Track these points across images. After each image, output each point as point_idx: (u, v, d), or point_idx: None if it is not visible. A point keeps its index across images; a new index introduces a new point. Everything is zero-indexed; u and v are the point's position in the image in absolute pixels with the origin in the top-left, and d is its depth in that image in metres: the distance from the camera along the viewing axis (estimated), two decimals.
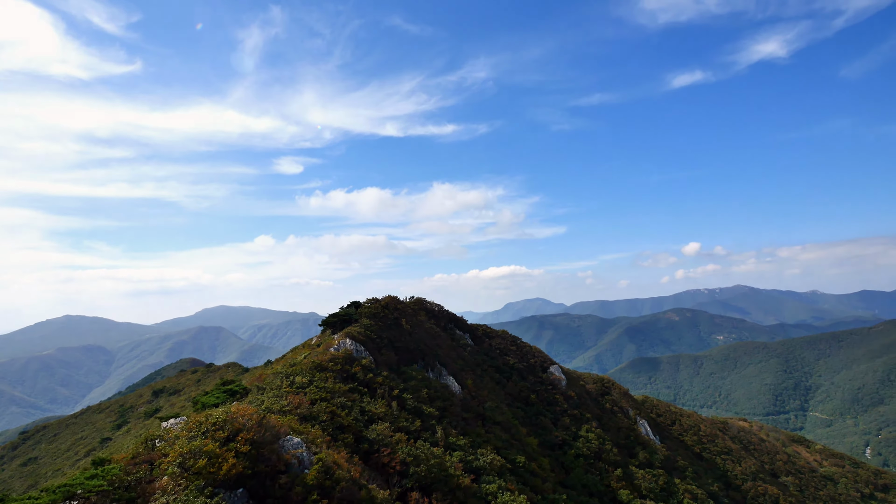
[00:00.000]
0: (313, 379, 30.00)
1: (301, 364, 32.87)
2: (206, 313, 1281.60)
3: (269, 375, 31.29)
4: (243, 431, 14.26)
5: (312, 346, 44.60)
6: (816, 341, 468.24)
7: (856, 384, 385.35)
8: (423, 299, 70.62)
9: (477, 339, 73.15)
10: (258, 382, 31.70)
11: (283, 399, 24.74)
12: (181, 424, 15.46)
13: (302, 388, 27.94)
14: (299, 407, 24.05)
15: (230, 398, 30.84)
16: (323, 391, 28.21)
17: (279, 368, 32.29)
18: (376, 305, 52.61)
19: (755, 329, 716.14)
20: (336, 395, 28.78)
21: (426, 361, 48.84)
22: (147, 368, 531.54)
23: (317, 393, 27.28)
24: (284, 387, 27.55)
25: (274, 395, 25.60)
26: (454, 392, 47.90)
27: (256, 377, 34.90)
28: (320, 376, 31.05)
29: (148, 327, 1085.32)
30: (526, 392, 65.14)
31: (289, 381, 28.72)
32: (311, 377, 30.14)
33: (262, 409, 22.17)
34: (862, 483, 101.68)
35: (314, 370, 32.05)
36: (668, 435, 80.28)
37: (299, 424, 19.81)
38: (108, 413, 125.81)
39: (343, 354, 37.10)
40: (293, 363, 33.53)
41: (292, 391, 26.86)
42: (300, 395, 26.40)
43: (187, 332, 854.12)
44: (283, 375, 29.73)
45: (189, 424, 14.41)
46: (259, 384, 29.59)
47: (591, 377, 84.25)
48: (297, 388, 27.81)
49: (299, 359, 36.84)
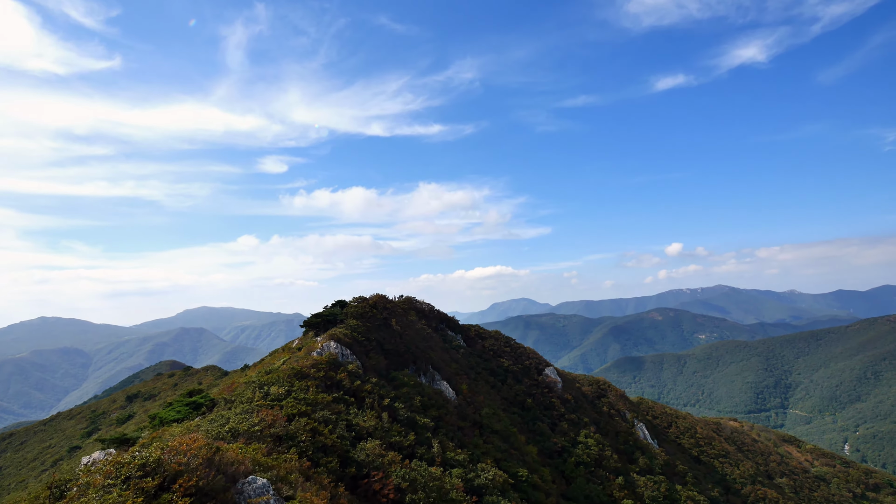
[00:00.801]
0: (291, 389, 25.81)
1: (278, 371, 28.62)
2: (187, 314, 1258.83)
3: (240, 385, 26.99)
4: (184, 475, 10.26)
5: (293, 350, 40.23)
6: (796, 340, 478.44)
7: (834, 382, 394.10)
8: (412, 298, 66.61)
9: (469, 341, 69.47)
10: (227, 393, 27.39)
11: (253, 415, 20.55)
12: (102, 463, 11.30)
13: (278, 400, 23.76)
14: (273, 425, 19.92)
15: (193, 412, 26.49)
16: (303, 403, 24.09)
17: (253, 376, 27.98)
18: (363, 305, 48.48)
19: (736, 328, 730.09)
20: (318, 408, 24.69)
21: (418, 365, 44.93)
22: (126, 371, 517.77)
23: (295, 406, 23.13)
24: (257, 399, 23.29)
25: (243, 410, 21.39)
26: (449, 398, 44.12)
27: (227, 387, 30.53)
28: (300, 385, 26.88)
29: (127, 329, 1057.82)
30: (522, 396, 61.72)
31: (262, 391, 24.46)
32: (288, 387, 25.94)
33: (226, 429, 17.99)
34: (853, 483, 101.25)
35: (293, 378, 27.85)
36: (665, 438, 77.84)
37: (268, 456, 15.68)
38: (79, 419, 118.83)
39: (327, 359, 32.95)
40: (269, 370, 29.27)
41: (266, 404, 22.68)
42: (275, 409, 22.24)
43: (168, 334, 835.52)
44: (257, 385, 25.45)
45: (108, 468, 10.35)
46: (228, 395, 25.32)
47: (586, 379, 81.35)
48: (271, 400, 23.60)
49: (277, 364, 32.56)
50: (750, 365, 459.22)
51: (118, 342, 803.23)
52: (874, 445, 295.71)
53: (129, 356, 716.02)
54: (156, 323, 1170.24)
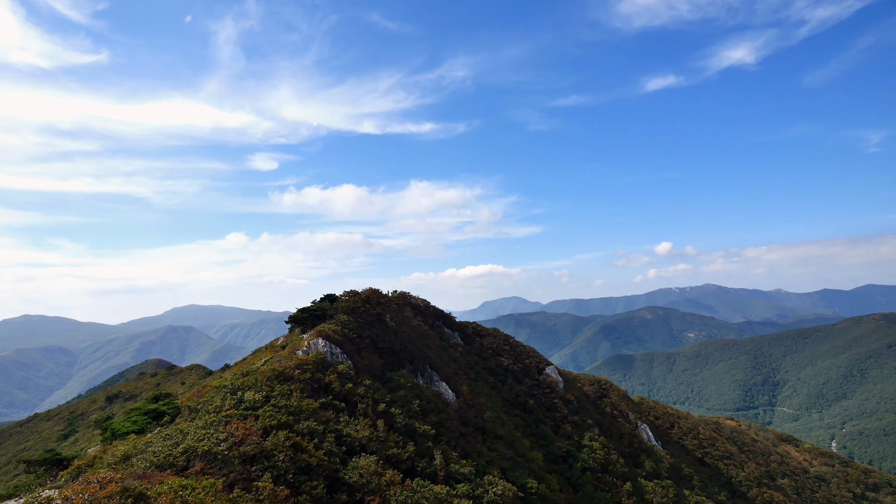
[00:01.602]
0: (271, 394, 21.82)
1: (256, 373, 24.58)
2: (175, 313, 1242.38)
3: (210, 389, 22.92)
4: None
5: (276, 349, 36.12)
6: (783, 338, 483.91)
7: (821, 379, 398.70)
8: (407, 294, 62.75)
9: (467, 339, 65.81)
10: (195, 399, 23.33)
11: (220, 429, 16.58)
12: None
13: (253, 408, 19.80)
14: (244, 442, 15.97)
15: (153, 423, 22.39)
16: (283, 412, 20.16)
17: (227, 379, 23.90)
18: (355, 299, 44.53)
19: (724, 327, 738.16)
20: (302, 417, 20.78)
21: (415, 365, 41.11)
22: (112, 370, 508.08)
23: (274, 416, 19.19)
24: (227, 408, 19.29)
25: (208, 422, 17.40)
26: (448, 401, 40.42)
27: (196, 391, 26.40)
28: (281, 390, 22.92)
29: (113, 327, 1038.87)
30: (523, 397, 58.27)
31: (234, 398, 20.44)
32: (267, 392, 21.94)
33: (179, 450, 14.00)
34: (853, 483, 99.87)
35: (273, 381, 23.86)
36: (668, 439, 75.12)
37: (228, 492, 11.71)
38: (57, 421, 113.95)
39: (314, 359, 28.97)
40: (247, 371, 25.21)
41: (237, 415, 18.70)
42: (249, 420, 18.28)
43: (155, 332, 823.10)
44: (229, 390, 21.39)
45: None
46: (195, 403, 21.28)
47: (587, 378, 78.27)
48: (245, 409, 19.63)
49: (256, 365, 28.52)
50: (738, 363, 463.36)
51: (104, 341, 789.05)
52: (860, 442, 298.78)
53: (116, 355, 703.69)
54: (143, 321, 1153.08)
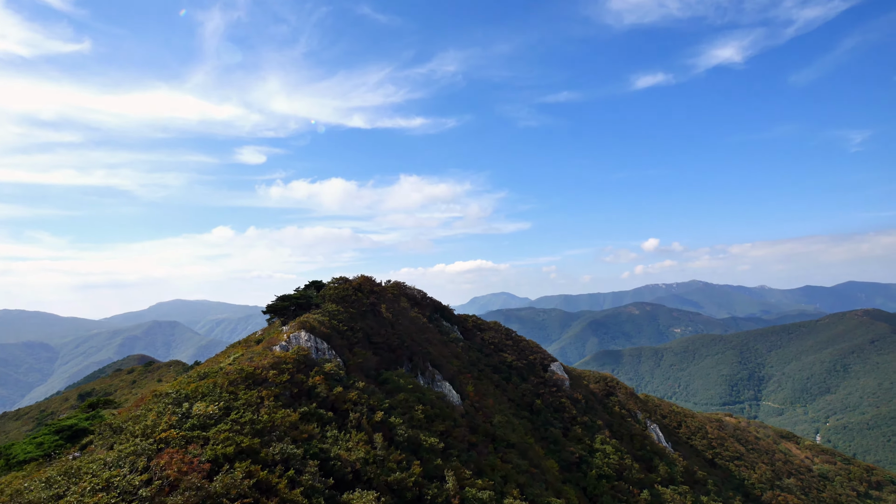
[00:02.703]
0: (232, 405, 16.03)
1: (217, 376, 18.70)
2: (160, 307, 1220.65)
3: (150, 398, 16.99)
4: None
5: (251, 344, 30.16)
6: (768, 334, 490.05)
7: (805, 374, 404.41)
8: (402, 283, 56.95)
9: (467, 333, 60.39)
10: (132, 412, 17.40)
11: (141, 464, 10.82)
12: None
13: (203, 426, 14.05)
14: (178, 485, 10.25)
15: (68, 445, 16.44)
16: (246, 432, 14.43)
17: (175, 384, 17.95)
18: (346, 286, 38.67)
19: (709, 322, 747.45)
20: (274, 436, 15.07)
21: (414, 363, 35.50)
22: (94, 365, 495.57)
23: (231, 439, 13.43)
24: (163, 426, 13.48)
25: (128, 452, 11.65)
26: (454, 404, 34.97)
27: (138, 399, 20.39)
28: (249, 398, 17.13)
29: (96, 322, 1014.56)
30: (530, 396, 53.16)
31: (178, 412, 14.59)
32: (227, 402, 16.12)
33: None
34: (856, 481, 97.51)
35: (239, 386, 18.04)
36: (678, 440, 70.98)
37: None
38: (26, 420, 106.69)
39: (295, 356, 23.15)
40: (204, 373, 19.29)
41: (178, 438, 12.94)
42: (193, 445, 12.55)
43: (139, 327, 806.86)
44: (172, 401, 15.49)
45: None
46: (126, 419, 15.35)
47: (593, 375, 73.63)
48: (192, 427, 13.87)
49: (223, 363, 22.61)
50: (725, 358, 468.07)
51: (86, 336, 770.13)
52: (844, 436, 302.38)
53: (98, 350, 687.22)
54: (127, 316, 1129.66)
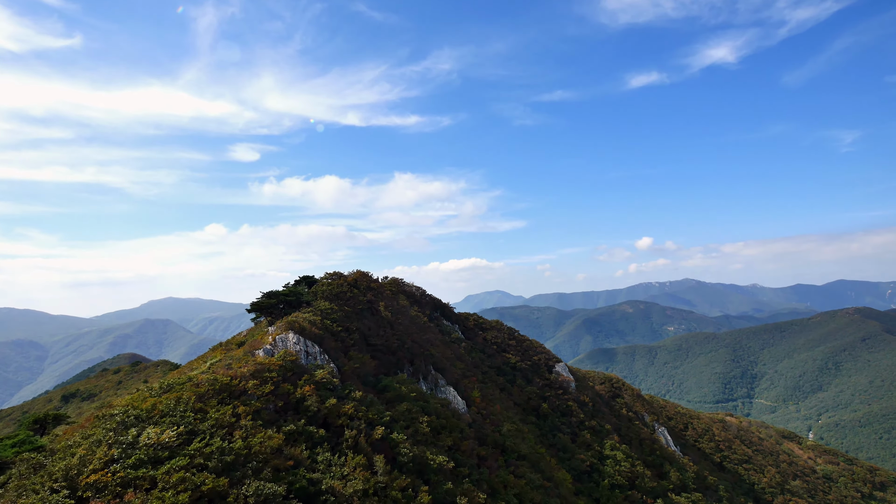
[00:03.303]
0: (197, 428, 12.65)
1: (183, 388, 15.24)
2: (152, 305, 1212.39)
3: (90, 421, 13.52)
4: None
5: (232, 347, 26.63)
6: (760, 332, 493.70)
7: (797, 372, 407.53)
8: (400, 280, 53.59)
9: (468, 332, 57.20)
10: (83, 429, 13.96)
11: None
12: None
13: (155, 461, 10.69)
14: None
15: None
16: (212, 465, 11.10)
17: (124, 402, 14.47)
18: (340, 282, 35.22)
19: (702, 320, 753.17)
20: (249, 470, 11.72)
21: (416, 366, 32.20)
22: (84, 364, 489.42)
23: (186, 482, 10.09)
24: (96, 463, 10.10)
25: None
26: (460, 412, 31.76)
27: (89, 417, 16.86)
28: (221, 417, 13.76)
29: (87, 320, 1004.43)
30: (535, 399, 50.13)
31: (122, 441, 11.19)
32: (192, 424, 12.73)
33: None
34: (860, 482, 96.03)
35: (211, 400, 14.64)
36: (685, 442, 68.48)
37: None
38: (7, 422, 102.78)
39: (281, 363, 19.73)
40: (169, 384, 15.79)
41: (115, 479, 9.57)
42: (132, 493, 9.18)
43: (131, 326, 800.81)
44: (118, 425, 12.04)
45: None
46: (55, 448, 11.89)
47: (598, 376, 70.88)
48: (137, 462, 10.51)
49: (196, 371, 19.13)
50: (718, 356, 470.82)
51: (77, 334, 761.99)
52: (837, 434, 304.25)
53: (89, 349, 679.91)
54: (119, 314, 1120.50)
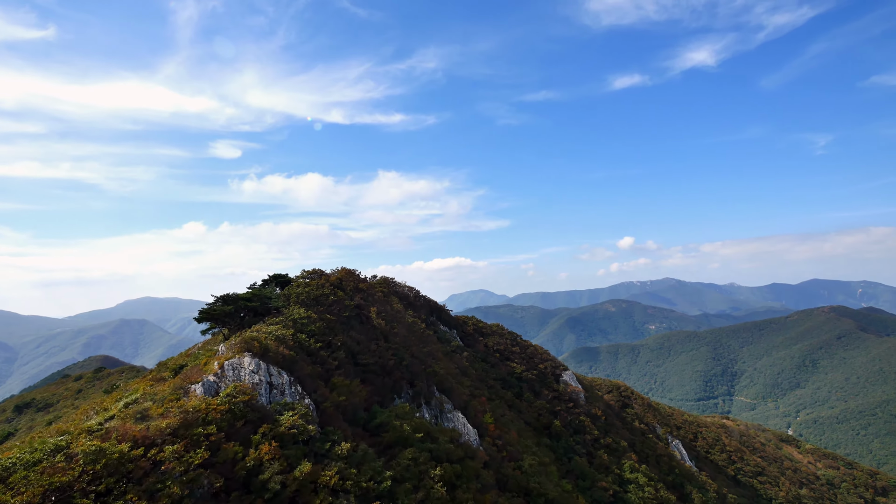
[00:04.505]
0: None
1: (36, 475, 8.31)
2: (128, 305, 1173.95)
3: None
4: None
5: (164, 376, 19.39)
6: (740, 330, 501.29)
7: (776, 370, 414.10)
8: (391, 279, 46.72)
9: (467, 338, 50.69)
10: None
11: None
12: None
13: None
14: None
15: None
16: None
17: None
18: (321, 282, 28.28)
19: (683, 319, 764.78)
20: None
21: (417, 388, 25.49)
22: (56, 366, 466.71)
23: None
24: None
25: None
26: (472, 445, 25.32)
27: None
28: None
29: (60, 321, 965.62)
30: (546, 416, 44.00)
31: None
32: None
33: None
34: (862, 487, 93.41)
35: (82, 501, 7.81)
36: (697, 454, 63.58)
37: None
38: None
39: (227, 407, 12.87)
40: (11, 464, 8.74)
41: None
42: None
43: (106, 326, 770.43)
44: None
45: None
46: None
47: (604, 384, 65.36)
48: None
49: (79, 427, 12.08)
50: (699, 354, 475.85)
51: (49, 335, 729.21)
52: (815, 430, 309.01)
53: (61, 350, 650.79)
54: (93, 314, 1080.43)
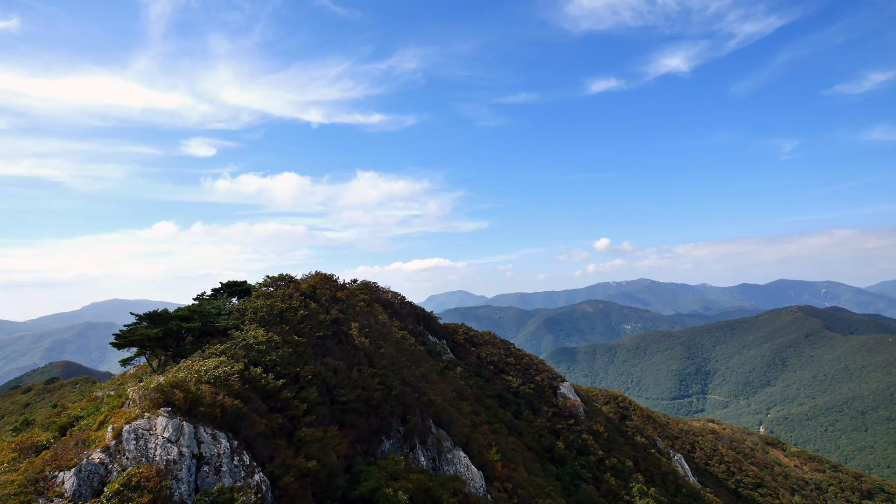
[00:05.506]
0: None
1: None
2: (95, 308, 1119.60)
3: None
4: None
5: (28, 452, 13.57)
6: (713, 330, 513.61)
7: (747, 368, 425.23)
8: (374, 284, 41.25)
9: (458, 349, 45.63)
10: None
11: None
12: None
13: None
14: None
15: None
16: None
17: None
18: (288, 291, 22.65)
19: (657, 319, 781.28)
20: None
21: (410, 425, 20.29)
22: (16, 372, 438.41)
23: None
24: None
25: None
26: (478, 494, 20.40)
27: None
28: None
29: (20, 324, 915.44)
30: (548, 437, 39.42)
31: None
32: None
33: None
34: (848, 490, 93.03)
35: None
36: (696, 467, 60.40)
37: None
38: None
39: None
40: None
41: None
42: None
43: (70, 330, 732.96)
44: None
45: None
46: None
47: (600, 394, 61.43)
48: None
49: None
50: (674, 354, 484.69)
51: (8, 339, 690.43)
52: (786, 427, 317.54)
53: (22, 355, 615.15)
54: (57, 317, 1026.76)
